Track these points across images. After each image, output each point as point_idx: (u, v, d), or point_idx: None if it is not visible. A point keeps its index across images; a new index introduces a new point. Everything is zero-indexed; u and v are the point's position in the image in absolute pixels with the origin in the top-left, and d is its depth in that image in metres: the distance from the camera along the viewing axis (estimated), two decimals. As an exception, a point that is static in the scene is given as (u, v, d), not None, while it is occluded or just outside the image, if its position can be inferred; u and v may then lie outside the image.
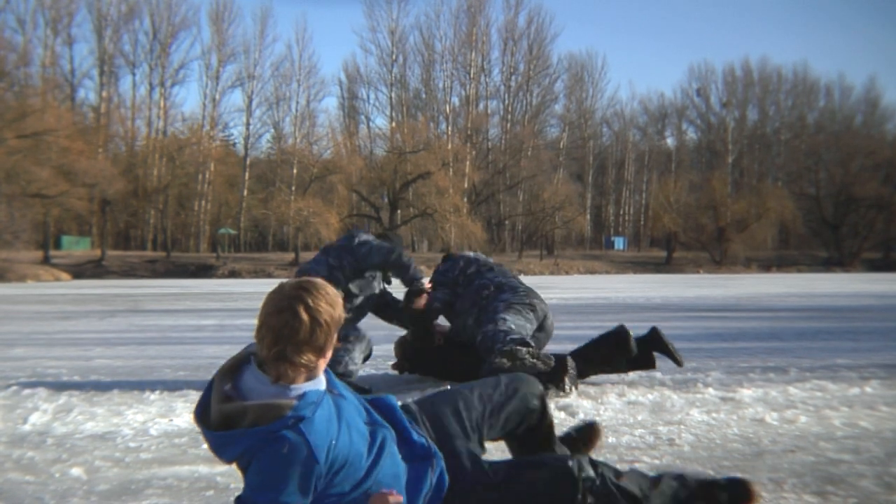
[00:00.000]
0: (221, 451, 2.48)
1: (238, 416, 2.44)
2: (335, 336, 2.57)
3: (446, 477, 2.77)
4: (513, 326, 5.77)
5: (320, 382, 2.58)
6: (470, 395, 3.03)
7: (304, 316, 2.46)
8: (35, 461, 3.84)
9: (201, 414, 2.56)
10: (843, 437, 4.33)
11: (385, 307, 6.74)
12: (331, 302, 2.53)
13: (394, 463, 2.69)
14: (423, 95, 76.01)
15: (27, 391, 5.98)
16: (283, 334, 2.46)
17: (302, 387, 2.53)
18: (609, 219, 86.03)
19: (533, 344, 5.60)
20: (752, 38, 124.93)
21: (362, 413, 2.67)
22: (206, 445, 2.55)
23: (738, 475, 3.18)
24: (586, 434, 3.44)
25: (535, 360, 5.32)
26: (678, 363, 6.10)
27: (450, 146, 64.69)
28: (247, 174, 68.35)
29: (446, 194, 58.64)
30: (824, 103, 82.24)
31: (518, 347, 5.38)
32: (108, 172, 51.83)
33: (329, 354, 2.58)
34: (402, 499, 2.65)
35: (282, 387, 2.50)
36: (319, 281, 2.58)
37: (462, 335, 6.30)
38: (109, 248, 57.30)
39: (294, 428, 2.44)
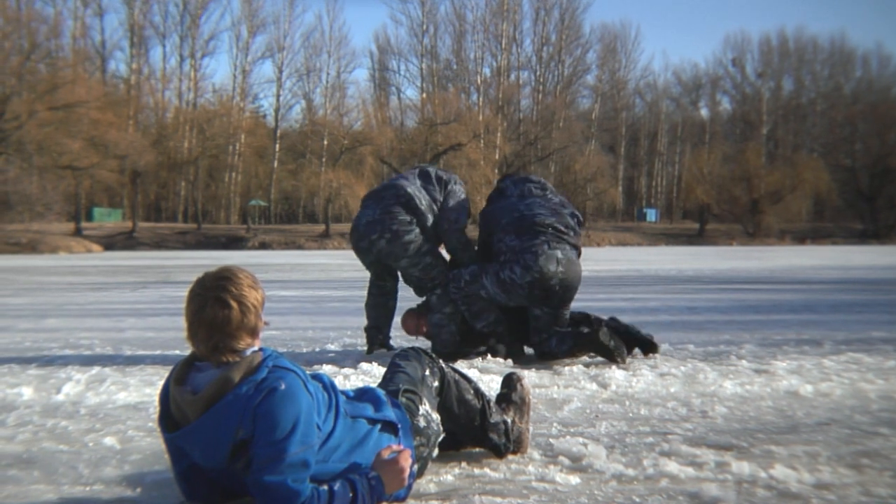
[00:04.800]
0: (218, 432, 2.45)
1: (223, 386, 2.45)
2: (262, 314, 2.61)
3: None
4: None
5: None
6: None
7: (234, 303, 2.50)
8: (69, 430, 3.87)
9: (168, 424, 2.58)
10: (879, 410, 4.27)
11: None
12: (252, 284, 2.57)
13: (356, 425, 2.72)
14: (454, 66, 75.76)
15: (60, 362, 6.03)
16: (217, 325, 2.49)
17: (252, 349, 2.57)
18: (641, 190, 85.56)
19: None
20: (788, 8, 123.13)
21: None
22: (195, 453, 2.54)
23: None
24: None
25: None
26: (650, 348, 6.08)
27: (481, 117, 64.41)
28: (277, 146, 68.43)
29: (477, 166, 58.45)
30: (861, 73, 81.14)
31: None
32: (138, 144, 52.17)
33: (261, 333, 2.62)
34: (410, 453, 2.69)
35: (232, 362, 2.53)
36: (236, 267, 2.61)
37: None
38: (140, 220, 57.76)
39: (278, 368, 2.50)
